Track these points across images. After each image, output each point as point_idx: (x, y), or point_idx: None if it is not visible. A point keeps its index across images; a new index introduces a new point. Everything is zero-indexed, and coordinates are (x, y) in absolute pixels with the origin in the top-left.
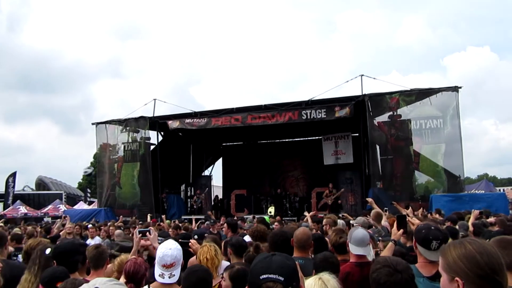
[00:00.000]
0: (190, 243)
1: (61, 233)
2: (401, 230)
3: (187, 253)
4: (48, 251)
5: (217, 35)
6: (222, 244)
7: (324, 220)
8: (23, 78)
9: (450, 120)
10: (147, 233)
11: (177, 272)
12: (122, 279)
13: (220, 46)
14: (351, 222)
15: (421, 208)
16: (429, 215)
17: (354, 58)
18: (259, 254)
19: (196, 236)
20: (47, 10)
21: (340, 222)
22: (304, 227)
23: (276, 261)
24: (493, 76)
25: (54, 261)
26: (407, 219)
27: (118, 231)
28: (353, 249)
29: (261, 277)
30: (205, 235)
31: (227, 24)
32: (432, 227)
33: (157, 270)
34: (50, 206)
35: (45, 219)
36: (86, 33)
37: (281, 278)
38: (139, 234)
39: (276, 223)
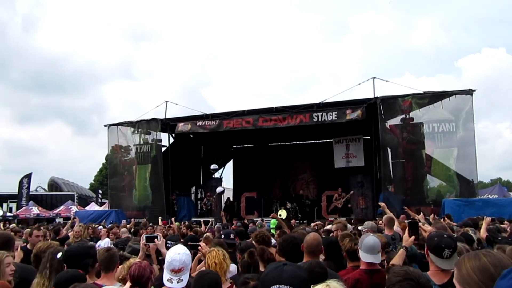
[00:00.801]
0: (199, 247)
1: (69, 234)
2: (413, 237)
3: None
4: (59, 255)
5: (228, 38)
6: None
7: (334, 226)
8: (36, 79)
9: (463, 124)
10: (155, 239)
11: (185, 277)
12: (128, 284)
13: (231, 48)
14: (359, 228)
15: (432, 214)
16: (441, 220)
17: (366, 60)
18: (270, 264)
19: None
20: (61, 12)
21: (350, 227)
22: (314, 232)
23: (287, 271)
24: (509, 78)
25: (65, 265)
26: (419, 226)
27: (123, 229)
28: (364, 257)
29: (272, 287)
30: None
31: (238, 27)
32: (445, 235)
33: (166, 275)
34: (62, 207)
35: (57, 220)
36: (99, 35)
37: None
38: (146, 240)
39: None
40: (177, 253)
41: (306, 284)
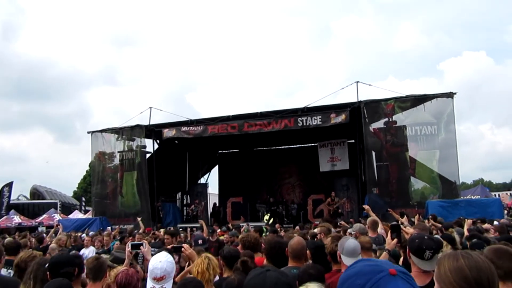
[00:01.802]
0: (183, 248)
1: (52, 243)
2: (395, 240)
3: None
4: (46, 266)
5: (212, 43)
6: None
7: (318, 229)
8: (17, 86)
9: (444, 126)
10: (141, 247)
11: (168, 285)
12: None
13: (216, 54)
14: (348, 230)
15: (418, 215)
16: (426, 221)
17: (350, 64)
18: (252, 270)
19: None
20: (42, 18)
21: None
22: (299, 236)
23: (270, 277)
24: (489, 80)
25: (48, 273)
26: (401, 228)
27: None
28: (346, 260)
29: None
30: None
31: (223, 32)
32: (426, 237)
33: (149, 283)
34: (44, 216)
35: (40, 229)
36: (81, 41)
37: None
38: (131, 247)
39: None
40: (159, 261)
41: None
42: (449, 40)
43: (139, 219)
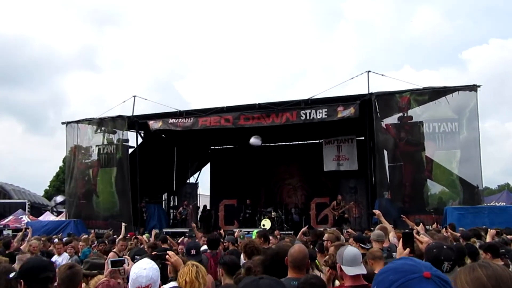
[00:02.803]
0: (167, 256)
1: (22, 247)
2: (408, 249)
3: (165, 267)
4: (12, 274)
5: (206, 25)
6: None
7: (326, 235)
8: None
9: (466, 123)
10: (123, 265)
11: None
12: None
13: (210, 37)
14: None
15: (435, 223)
16: (443, 230)
17: (360, 51)
18: (245, 278)
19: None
20: None
21: (343, 238)
22: (300, 244)
23: (263, 285)
24: None
25: (22, 281)
26: (414, 236)
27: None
28: (348, 270)
29: None
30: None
31: (217, 13)
32: (444, 246)
33: None
34: (11, 217)
35: (5, 232)
36: (56, 17)
37: None
38: (112, 265)
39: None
40: (143, 268)
41: None
42: (474, 26)
43: (123, 225)
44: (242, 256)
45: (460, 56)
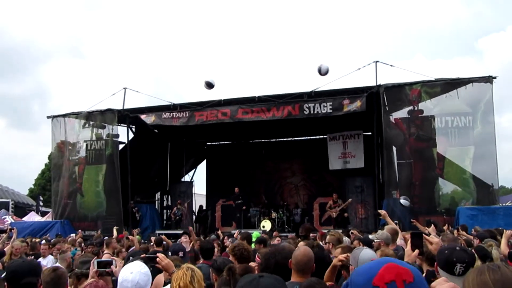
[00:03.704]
0: (157, 259)
1: (5, 249)
2: (417, 251)
3: (156, 270)
4: (3, 275)
5: (202, 11)
6: None
7: (328, 237)
8: None
9: (481, 118)
10: (111, 266)
11: None
12: None
13: (206, 24)
14: (370, 237)
15: (447, 225)
16: (455, 232)
17: (368, 39)
18: (244, 276)
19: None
20: None
21: (346, 239)
22: (305, 246)
23: (263, 283)
24: None
25: (5, 284)
26: (423, 237)
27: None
28: None
29: None
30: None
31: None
32: (457, 248)
33: None
34: None
35: None
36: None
37: None
38: (97, 266)
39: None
40: (130, 272)
41: None
42: (491, 12)
43: (115, 229)
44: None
45: (475, 45)
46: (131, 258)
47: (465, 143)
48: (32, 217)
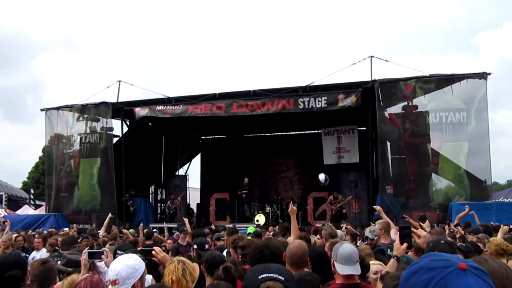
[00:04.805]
0: (154, 252)
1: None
2: (405, 244)
3: (153, 264)
4: None
5: (197, 4)
6: None
7: (322, 232)
8: None
9: (475, 114)
10: (102, 256)
11: None
12: None
13: (200, 18)
14: (366, 234)
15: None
16: (446, 227)
17: (363, 34)
18: (254, 267)
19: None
20: None
21: (340, 233)
22: (300, 240)
23: (274, 265)
24: None
25: None
26: (412, 231)
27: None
28: (340, 269)
29: (259, 277)
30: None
31: None
32: (442, 241)
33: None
34: None
35: None
36: None
37: (282, 278)
38: (88, 256)
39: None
40: (117, 261)
41: (293, 278)
42: (488, 7)
43: (109, 216)
44: (231, 252)
45: (472, 40)
46: (118, 251)
47: (459, 139)
48: (26, 210)
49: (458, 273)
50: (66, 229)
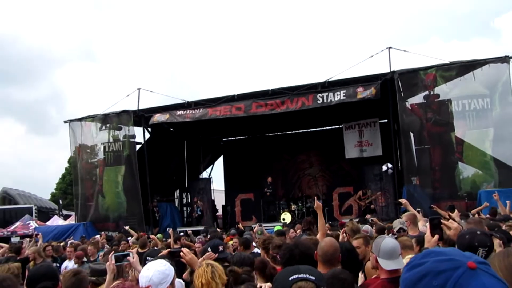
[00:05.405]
0: (181, 253)
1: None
2: (436, 236)
3: (181, 265)
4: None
5: (213, 7)
6: None
7: (345, 228)
8: None
9: (499, 99)
10: (128, 258)
11: None
12: None
13: (217, 21)
14: (395, 222)
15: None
16: (476, 214)
17: (381, 24)
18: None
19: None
20: None
21: (367, 227)
22: (330, 237)
23: (303, 267)
24: None
25: None
26: (442, 222)
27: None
28: (385, 264)
29: (290, 278)
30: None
31: None
32: (478, 232)
33: None
34: (18, 223)
35: (13, 239)
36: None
37: (313, 278)
38: (116, 260)
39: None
40: (147, 269)
41: (323, 278)
42: None
43: (127, 228)
44: (261, 252)
45: (492, 24)
46: (148, 257)
47: (484, 125)
48: (56, 221)
49: (470, 274)
50: (98, 236)
